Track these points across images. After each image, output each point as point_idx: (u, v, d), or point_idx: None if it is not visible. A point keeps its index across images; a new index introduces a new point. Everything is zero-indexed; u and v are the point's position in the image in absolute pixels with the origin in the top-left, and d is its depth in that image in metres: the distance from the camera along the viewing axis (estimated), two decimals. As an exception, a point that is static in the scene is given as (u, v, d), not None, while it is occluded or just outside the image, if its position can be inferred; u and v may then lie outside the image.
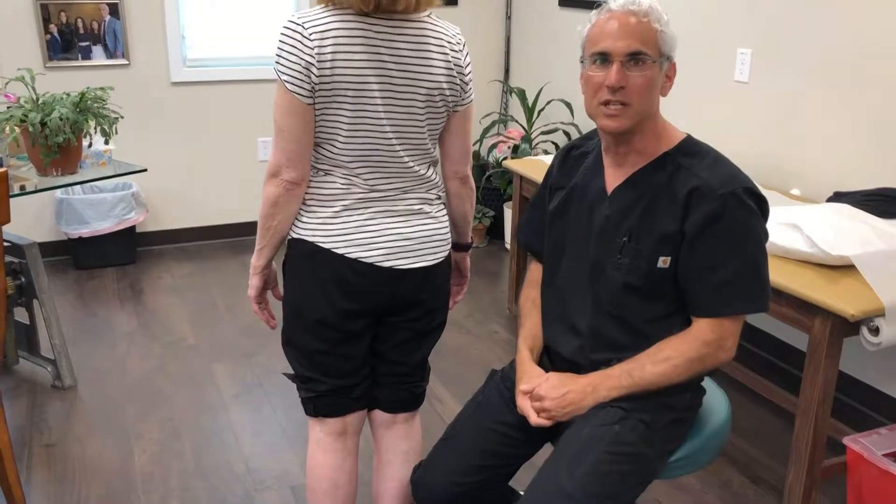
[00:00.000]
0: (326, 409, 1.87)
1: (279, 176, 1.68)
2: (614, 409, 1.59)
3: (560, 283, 1.75)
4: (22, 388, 3.04)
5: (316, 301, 1.74)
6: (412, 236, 1.76)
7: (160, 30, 4.24)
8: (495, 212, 4.62)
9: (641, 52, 1.53)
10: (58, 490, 2.46)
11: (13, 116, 2.65)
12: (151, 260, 4.38)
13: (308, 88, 1.61)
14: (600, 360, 1.66)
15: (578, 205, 1.71)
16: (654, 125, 1.62)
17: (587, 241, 1.69)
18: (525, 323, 1.84)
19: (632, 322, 1.64)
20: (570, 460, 1.55)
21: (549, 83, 4.52)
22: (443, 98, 1.73)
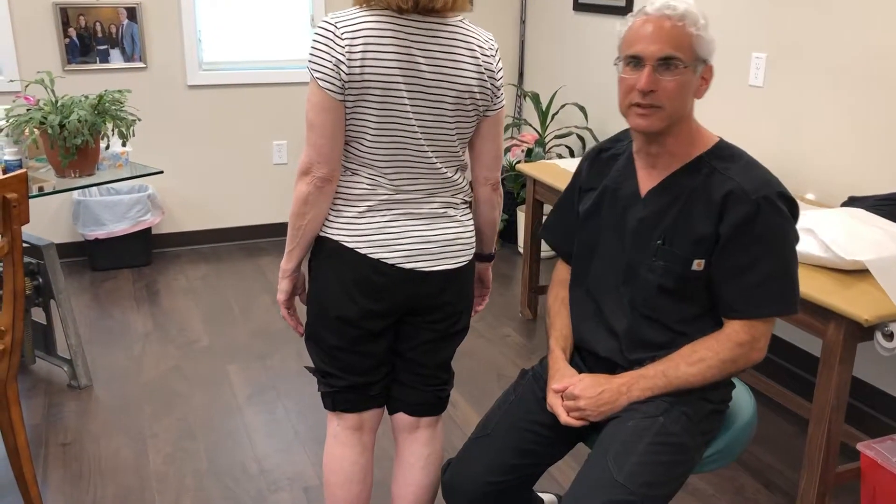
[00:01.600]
0: (344, 405, 1.89)
1: (311, 173, 1.70)
2: (658, 402, 1.62)
3: (591, 284, 1.77)
4: (39, 387, 3.07)
5: (338, 299, 1.76)
6: (435, 239, 1.78)
7: (177, 33, 4.28)
8: (508, 215, 4.62)
9: (673, 57, 1.54)
10: (73, 489, 2.48)
11: (33, 119, 2.69)
12: (167, 262, 4.41)
13: (339, 85, 1.64)
14: (638, 360, 1.69)
15: (611, 206, 1.73)
16: (687, 128, 1.64)
17: (620, 243, 1.70)
18: (555, 322, 1.85)
19: (666, 322, 1.67)
20: (619, 451, 1.57)
21: (564, 87, 4.52)
22: (473, 101, 1.74)
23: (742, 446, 1.77)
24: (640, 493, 1.53)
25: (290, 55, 4.56)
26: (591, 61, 4.37)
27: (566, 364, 1.76)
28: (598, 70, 4.32)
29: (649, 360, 1.67)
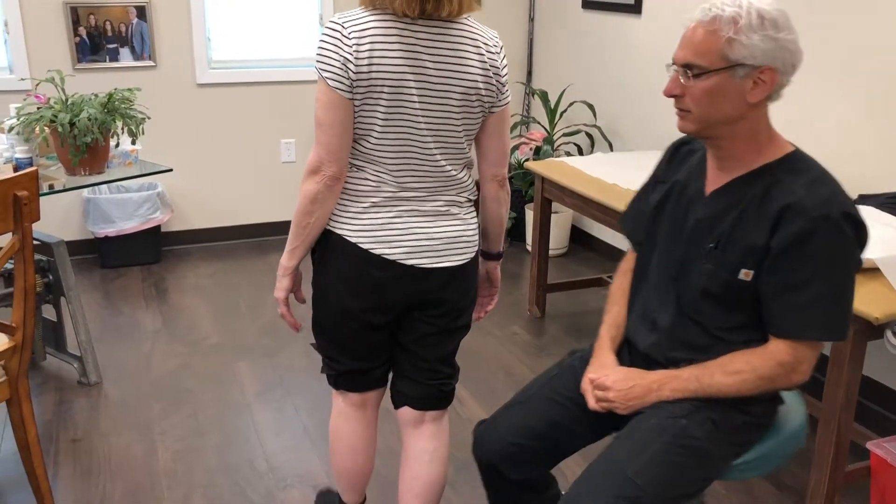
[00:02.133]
0: (347, 385, 1.97)
1: (320, 171, 1.72)
2: (684, 404, 1.61)
3: (649, 276, 1.77)
4: (49, 383, 3.09)
5: (340, 291, 1.81)
6: (437, 236, 1.80)
7: (186, 32, 4.30)
8: (517, 213, 4.62)
9: (693, 65, 1.54)
10: (83, 484, 2.50)
11: (43, 117, 2.70)
12: (176, 259, 4.43)
13: (347, 84, 1.66)
14: (676, 359, 1.67)
15: (676, 202, 1.72)
16: (747, 133, 1.58)
17: (678, 240, 1.69)
18: (611, 310, 1.86)
19: (708, 326, 1.64)
20: (634, 446, 1.58)
21: (572, 85, 4.51)
22: (479, 98, 1.76)
23: (778, 459, 1.72)
24: (649, 490, 1.53)
25: (299, 53, 4.56)
26: (600, 59, 4.37)
27: (609, 353, 1.77)
28: (607, 68, 4.31)
29: (686, 361, 1.65)
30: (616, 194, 3.08)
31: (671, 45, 4.25)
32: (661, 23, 3.90)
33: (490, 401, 3.00)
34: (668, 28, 3.85)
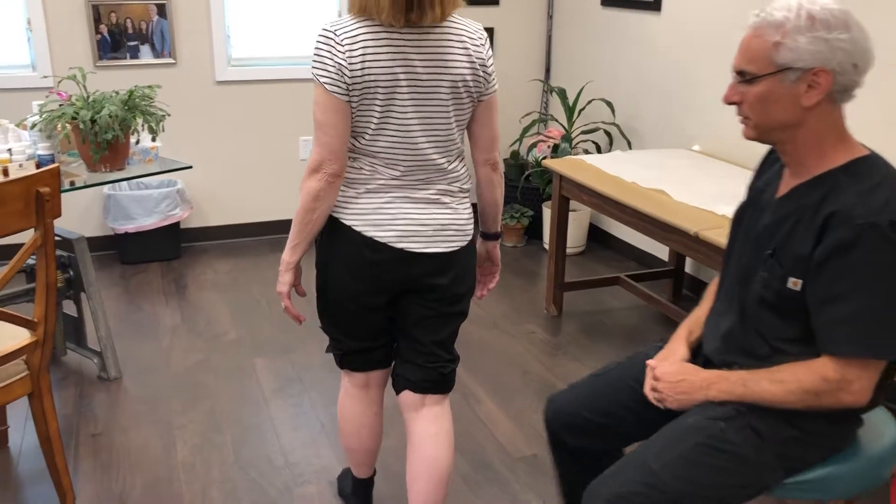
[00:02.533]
0: (351, 365, 2.10)
1: (322, 170, 1.82)
2: (727, 408, 1.59)
3: (725, 279, 1.76)
4: (69, 378, 3.12)
5: (339, 273, 1.93)
6: (427, 223, 1.90)
7: (206, 30, 4.32)
8: (534, 211, 4.61)
9: (745, 71, 1.54)
10: (103, 478, 2.52)
11: (65, 114, 2.72)
12: (195, 256, 4.46)
13: (344, 87, 1.77)
14: (732, 364, 1.65)
15: (754, 207, 1.70)
16: (810, 137, 1.54)
17: (746, 246, 1.67)
18: (700, 306, 1.86)
19: (766, 335, 1.61)
20: (666, 443, 1.59)
21: (591, 82, 4.50)
22: (467, 89, 1.86)
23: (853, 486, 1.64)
24: (669, 483, 1.53)
25: (312, 57, 4.57)
26: (619, 57, 4.35)
27: (679, 344, 1.78)
28: (626, 66, 4.29)
29: (743, 368, 1.62)
30: (635, 192, 3.07)
31: (691, 43, 4.26)
32: (680, 21, 3.87)
33: (506, 399, 3.00)
34: (688, 26, 3.82)
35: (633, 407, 1.77)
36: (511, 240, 4.65)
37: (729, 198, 2.92)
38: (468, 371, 3.20)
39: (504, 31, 4.90)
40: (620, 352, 3.39)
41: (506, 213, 4.58)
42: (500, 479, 2.53)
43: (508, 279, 4.17)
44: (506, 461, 2.62)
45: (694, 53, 3.80)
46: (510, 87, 5.01)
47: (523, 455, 2.65)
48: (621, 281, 3.79)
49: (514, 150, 4.79)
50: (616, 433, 1.82)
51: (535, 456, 2.64)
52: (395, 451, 2.59)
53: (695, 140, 3.83)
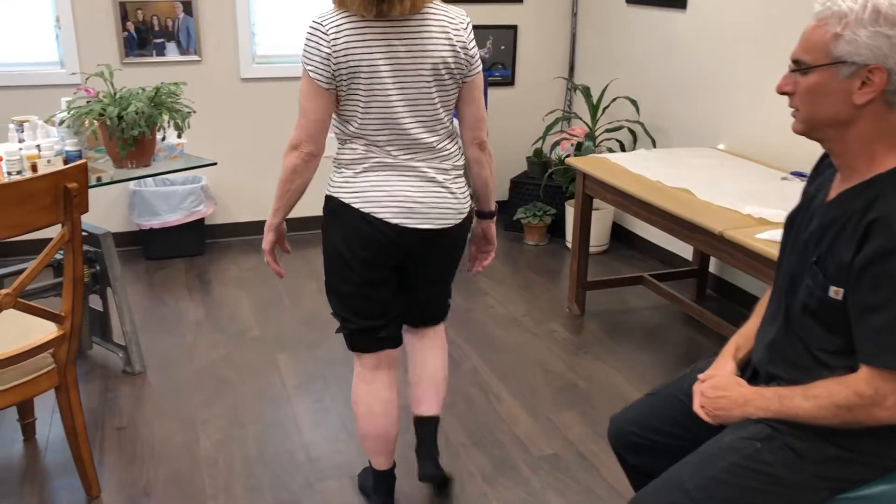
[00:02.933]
0: (360, 345, 2.19)
1: (299, 149, 2.04)
2: (763, 427, 1.55)
3: (775, 288, 1.71)
4: (95, 372, 3.15)
5: (341, 248, 2.07)
6: (421, 200, 2.04)
7: (231, 27, 4.35)
8: (556, 210, 4.59)
9: (800, 61, 1.49)
10: (128, 471, 2.55)
11: (92, 110, 2.75)
12: (219, 252, 4.49)
13: (328, 75, 1.94)
14: (774, 375, 1.62)
15: (804, 212, 1.64)
16: (859, 138, 1.48)
17: (794, 252, 1.62)
18: (749, 319, 1.81)
19: (810, 345, 1.56)
20: (701, 462, 1.56)
21: (615, 80, 4.47)
22: (448, 71, 2.00)
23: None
24: None
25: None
26: (644, 54, 4.32)
27: (727, 360, 1.74)
28: (651, 63, 4.27)
29: (785, 380, 1.58)
30: (659, 191, 3.05)
31: (717, 40, 4.22)
32: (706, 18, 3.84)
33: (527, 397, 2.99)
34: (714, 23, 3.79)
35: (685, 423, 1.73)
36: (533, 238, 4.63)
37: (754, 197, 2.90)
38: (489, 368, 3.20)
39: (528, 28, 4.89)
40: (643, 351, 3.37)
41: (528, 212, 4.57)
42: (521, 478, 2.52)
43: (530, 277, 4.16)
44: (527, 460, 2.61)
45: (720, 51, 3.77)
46: (533, 84, 5.00)
47: (544, 454, 2.64)
48: (644, 280, 3.76)
49: (538, 148, 4.77)
50: (672, 450, 1.75)
51: (557, 455, 2.63)
52: (416, 449, 2.59)
53: (720, 139, 3.80)
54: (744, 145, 3.65)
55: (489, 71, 4.87)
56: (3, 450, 2.65)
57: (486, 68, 4.87)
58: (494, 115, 4.83)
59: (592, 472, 2.55)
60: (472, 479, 2.52)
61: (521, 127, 4.94)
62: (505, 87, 4.94)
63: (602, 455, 2.63)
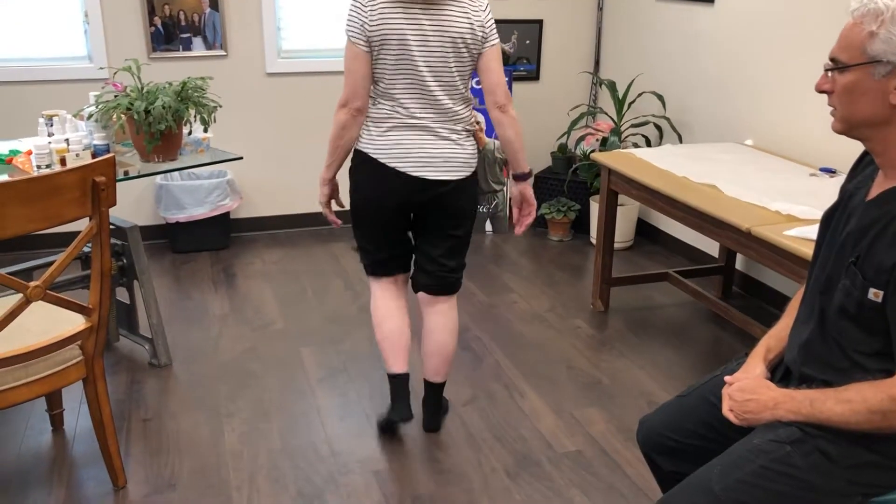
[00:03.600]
0: (378, 271, 2.64)
1: (348, 105, 2.42)
2: (793, 429, 1.53)
3: (808, 287, 1.69)
4: (121, 364, 3.19)
5: (365, 193, 2.49)
6: (437, 155, 2.42)
7: (257, 22, 4.36)
8: (581, 205, 4.57)
9: (837, 59, 1.48)
10: (153, 462, 2.57)
11: (120, 105, 2.78)
12: (244, 245, 4.52)
13: (364, 40, 2.35)
14: (809, 376, 1.60)
15: (842, 211, 1.62)
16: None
17: (831, 252, 1.59)
18: (781, 320, 1.79)
19: (845, 347, 1.54)
20: (730, 464, 1.55)
21: (642, 75, 4.43)
22: (465, 44, 2.38)
23: None
24: None
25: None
26: (671, 49, 4.28)
27: (757, 362, 1.71)
28: (678, 58, 4.23)
29: (820, 381, 1.56)
30: (685, 187, 3.02)
31: (745, 35, 4.18)
32: (734, 12, 3.79)
33: (550, 393, 2.98)
34: (742, 18, 3.74)
35: (714, 425, 1.71)
36: (557, 233, 4.62)
37: (782, 193, 2.86)
38: (512, 364, 3.19)
39: (553, 22, 4.86)
40: (667, 349, 3.34)
41: (552, 207, 4.55)
42: (544, 474, 2.52)
43: (554, 273, 4.15)
44: (550, 456, 2.61)
45: (748, 46, 3.72)
46: (558, 79, 4.97)
47: (567, 450, 2.64)
48: (669, 277, 3.74)
49: (562, 144, 4.75)
50: (703, 453, 1.73)
51: (580, 452, 2.63)
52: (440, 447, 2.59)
53: (748, 134, 3.76)
54: (772, 141, 3.60)
55: (514, 66, 4.85)
56: (33, 440, 2.69)
57: (510, 63, 4.85)
58: (518, 110, 4.75)
59: (616, 469, 2.54)
60: (495, 473, 2.52)
61: (545, 122, 4.92)
62: (530, 81, 4.92)
63: (625, 452, 2.61)
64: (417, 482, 2.48)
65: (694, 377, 2.95)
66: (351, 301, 3.79)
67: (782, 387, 1.62)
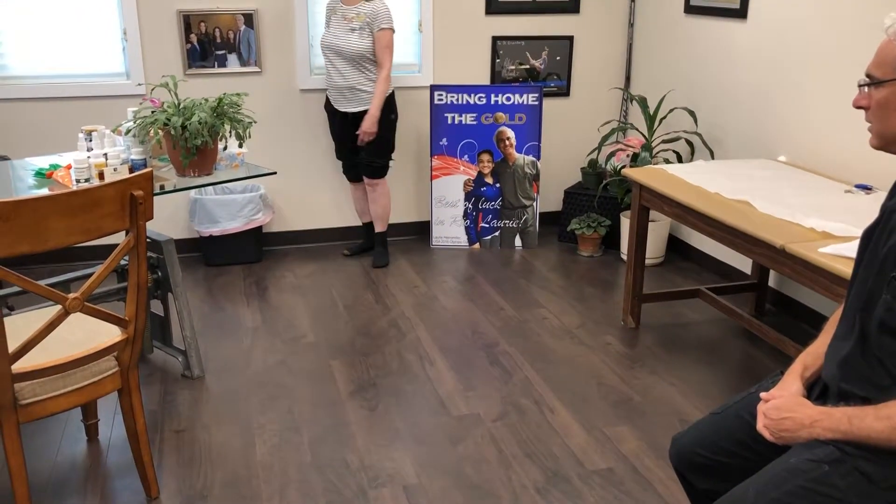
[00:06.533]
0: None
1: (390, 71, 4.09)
2: (832, 448, 1.51)
3: (847, 304, 1.68)
4: (155, 375, 3.23)
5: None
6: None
7: (290, 39, 4.43)
8: (612, 221, 4.56)
9: (870, 75, 1.51)
10: (186, 473, 2.60)
11: (157, 120, 2.83)
12: (276, 259, 4.56)
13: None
14: (848, 393, 1.58)
15: (883, 227, 1.61)
16: None
17: (872, 268, 1.59)
18: (819, 337, 1.78)
19: (889, 366, 1.52)
20: (767, 483, 1.53)
21: (673, 91, 4.42)
22: None
23: None
24: None
25: (400, 59, 4.62)
26: (703, 65, 4.26)
27: (794, 379, 1.70)
28: (710, 74, 4.21)
29: (860, 398, 1.54)
30: (717, 203, 3.00)
31: (778, 50, 4.14)
32: (767, 28, 3.77)
33: (581, 410, 2.96)
34: (775, 33, 3.72)
35: (749, 443, 1.70)
36: (587, 249, 4.60)
37: (817, 210, 2.83)
38: (542, 379, 3.18)
39: (584, 39, 4.87)
40: (699, 366, 3.31)
41: (582, 223, 4.54)
42: (574, 492, 2.50)
43: (584, 289, 4.13)
44: (580, 473, 2.59)
45: (780, 62, 3.70)
46: (589, 95, 4.97)
47: (598, 468, 2.62)
48: (701, 293, 3.70)
49: (593, 159, 4.74)
50: (737, 471, 1.72)
51: (611, 469, 2.61)
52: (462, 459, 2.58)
53: (781, 150, 3.73)
54: (806, 157, 3.57)
55: (544, 82, 4.87)
56: (68, 449, 2.73)
57: (541, 79, 4.86)
58: (549, 126, 4.82)
59: (647, 487, 2.52)
60: (525, 491, 2.51)
61: (575, 138, 4.92)
62: (560, 97, 4.93)
63: (657, 470, 2.59)
64: (447, 497, 2.48)
65: (727, 395, 2.92)
66: (381, 314, 3.81)
67: (819, 405, 1.60)
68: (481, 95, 4.61)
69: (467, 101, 4.61)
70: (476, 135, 4.64)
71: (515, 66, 4.83)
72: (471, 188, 4.70)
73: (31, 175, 2.95)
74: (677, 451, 1.83)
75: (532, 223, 4.71)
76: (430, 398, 3.04)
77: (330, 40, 4.10)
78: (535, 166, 4.66)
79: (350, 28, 4.04)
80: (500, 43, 4.76)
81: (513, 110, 4.63)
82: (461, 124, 4.63)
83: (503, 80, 4.83)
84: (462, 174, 4.69)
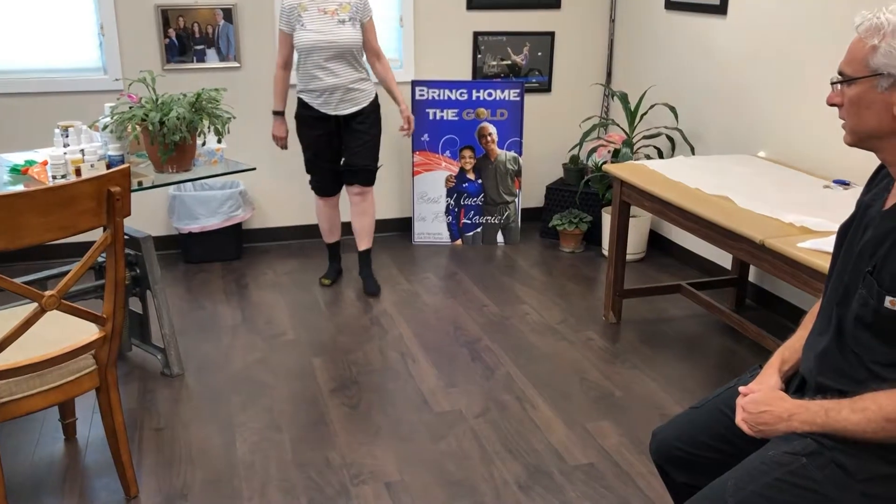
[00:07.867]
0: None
1: None
2: (809, 441, 1.52)
3: (824, 299, 1.69)
4: (134, 374, 3.20)
5: None
6: None
7: (270, 34, 4.39)
8: (593, 217, 4.57)
9: (842, 72, 1.52)
10: (165, 472, 2.57)
11: (135, 116, 2.80)
12: (256, 256, 4.53)
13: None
14: (825, 386, 1.59)
15: (858, 223, 1.62)
16: None
17: (848, 263, 1.60)
18: (796, 332, 1.79)
19: (864, 358, 1.53)
20: (744, 476, 1.54)
21: (654, 86, 4.43)
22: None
23: None
24: None
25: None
26: (683, 61, 4.28)
27: (771, 373, 1.71)
28: (690, 70, 4.22)
29: (836, 391, 1.55)
30: (698, 199, 3.01)
31: (758, 46, 4.16)
32: (747, 24, 3.79)
33: (562, 405, 2.97)
34: (755, 30, 3.74)
35: (728, 437, 1.70)
36: (569, 245, 4.61)
37: (796, 205, 2.85)
38: (524, 375, 3.18)
39: (565, 34, 4.87)
40: (680, 361, 3.33)
41: (564, 219, 4.55)
42: (556, 487, 2.50)
43: (566, 285, 4.14)
44: (562, 468, 2.59)
45: (760, 58, 3.72)
46: (571, 90, 4.98)
47: (579, 463, 2.62)
48: (682, 289, 3.72)
49: (574, 155, 4.75)
50: (716, 465, 1.73)
51: (592, 464, 2.61)
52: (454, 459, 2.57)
53: (760, 146, 3.75)
54: (785, 153, 3.59)
55: (525, 77, 4.86)
56: (45, 449, 2.69)
57: (522, 75, 4.86)
58: (531, 122, 4.82)
59: (628, 481, 2.53)
60: (507, 486, 2.51)
61: (557, 133, 4.92)
62: (541, 93, 4.93)
63: (638, 465, 2.60)
64: (429, 494, 2.47)
65: (707, 390, 2.93)
66: (362, 311, 3.79)
67: (797, 398, 1.61)
68: (463, 91, 4.60)
69: (449, 97, 4.60)
70: (458, 131, 4.64)
71: (497, 62, 4.82)
72: (453, 184, 4.69)
73: (7, 171, 2.91)
74: (657, 445, 1.84)
75: (514, 219, 4.71)
76: (412, 395, 3.03)
77: (317, 38, 3.64)
78: (517, 162, 4.66)
79: (339, 20, 3.65)
80: (481, 38, 4.76)
81: (494, 106, 4.62)
82: (443, 120, 4.62)
83: (485, 75, 4.82)
84: (444, 170, 4.68)
